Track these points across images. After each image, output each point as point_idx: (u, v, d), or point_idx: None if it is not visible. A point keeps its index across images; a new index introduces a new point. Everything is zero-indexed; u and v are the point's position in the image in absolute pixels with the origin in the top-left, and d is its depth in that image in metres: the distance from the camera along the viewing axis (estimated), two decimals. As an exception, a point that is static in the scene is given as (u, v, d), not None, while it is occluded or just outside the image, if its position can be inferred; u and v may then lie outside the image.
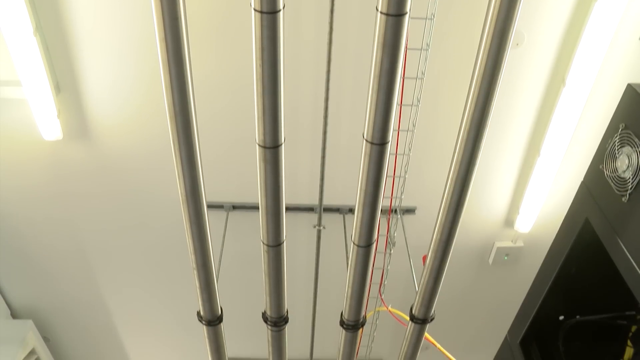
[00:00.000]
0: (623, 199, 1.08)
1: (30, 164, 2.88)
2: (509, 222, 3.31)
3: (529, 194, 3.08)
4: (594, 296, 1.51)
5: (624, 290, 1.45)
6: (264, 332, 2.47)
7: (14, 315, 3.82)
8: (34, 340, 3.68)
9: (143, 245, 3.38)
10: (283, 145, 1.54)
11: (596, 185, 1.20)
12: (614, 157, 1.13)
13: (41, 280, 3.62)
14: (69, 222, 3.22)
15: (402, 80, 1.81)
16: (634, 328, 1.56)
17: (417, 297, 2.14)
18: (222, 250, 2.82)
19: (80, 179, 2.96)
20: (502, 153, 2.83)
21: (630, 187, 1.09)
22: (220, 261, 2.65)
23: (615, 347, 1.57)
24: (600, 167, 1.17)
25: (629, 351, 1.56)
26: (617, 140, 1.18)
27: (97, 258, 3.47)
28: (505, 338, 1.63)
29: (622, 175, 1.05)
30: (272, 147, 1.50)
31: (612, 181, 1.11)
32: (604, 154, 1.26)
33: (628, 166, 1.08)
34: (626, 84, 1.61)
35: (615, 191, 1.10)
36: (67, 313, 3.88)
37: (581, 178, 1.52)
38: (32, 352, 3.66)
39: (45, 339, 3.92)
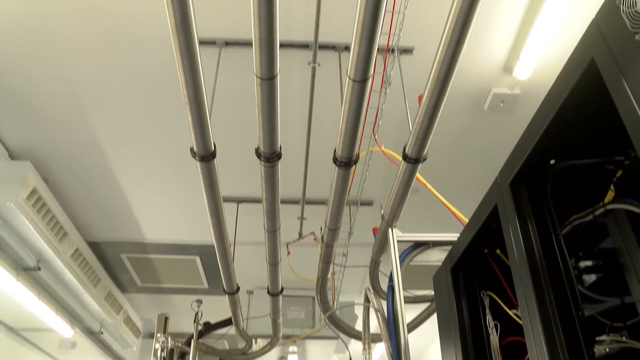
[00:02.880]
0: (636, 37, 1.02)
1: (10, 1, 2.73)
2: (507, 68, 3.24)
3: (532, 38, 2.97)
4: (586, 142, 1.50)
5: (618, 136, 1.44)
6: (258, 170, 2.51)
7: (12, 156, 3.86)
8: (34, 180, 3.75)
9: (135, 86, 3.33)
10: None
11: (608, 22, 1.13)
12: (633, -10, 1.06)
13: (36, 122, 3.61)
14: (55, 62, 3.13)
15: None
16: (619, 173, 1.58)
17: (411, 137, 2.14)
18: (214, 86, 2.77)
19: (64, 19, 2.83)
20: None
21: (645, 23, 1.03)
22: (213, 97, 2.61)
23: (599, 191, 1.60)
24: (617, 1, 1.09)
25: (610, 194, 1.58)
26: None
27: (89, 100, 3.42)
28: (496, 179, 1.65)
29: (640, 10, 0.99)
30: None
31: (627, 17, 1.04)
32: (623, -13, 1.18)
33: (648, 0, 1.02)
34: None
35: (629, 27, 1.04)
36: (64, 155, 3.91)
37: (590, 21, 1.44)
38: (33, 192, 3.75)
39: (45, 180, 4.00)
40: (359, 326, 3.81)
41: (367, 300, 2.82)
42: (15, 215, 3.65)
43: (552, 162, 1.52)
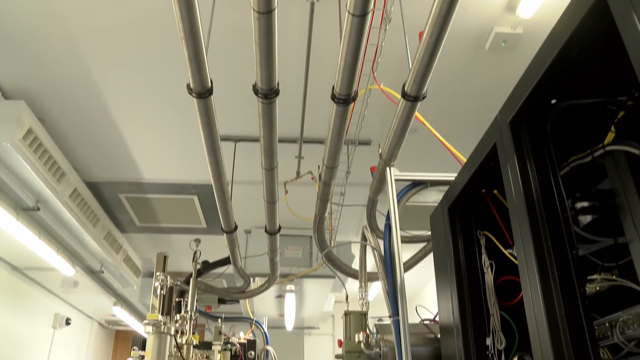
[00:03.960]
0: (650, -32, 0.99)
1: None
2: (510, 6, 3.16)
3: (539, -27, 2.88)
4: (589, 82, 1.47)
5: (623, 76, 1.41)
6: (256, 108, 2.48)
7: (6, 96, 3.80)
8: (29, 120, 3.71)
9: (131, 24, 3.24)
10: None
11: (620, -46, 1.09)
12: None
13: (29, 62, 3.53)
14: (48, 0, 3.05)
15: None
16: (621, 114, 1.56)
17: (410, 74, 2.11)
18: (211, 22, 2.69)
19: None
20: None
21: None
22: (209, 33, 2.55)
23: (599, 133, 1.58)
24: None
25: (610, 136, 1.57)
26: None
27: (84, 38, 3.34)
28: (496, 118, 1.63)
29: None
30: None
31: (639, -52, 1.00)
32: None
33: None
34: None
35: (643, -42, 1.00)
36: (60, 94, 3.85)
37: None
38: (29, 132, 3.71)
39: (41, 120, 3.96)
40: (355, 265, 3.87)
41: (364, 238, 2.85)
42: (12, 155, 3.64)
43: (553, 101, 1.50)
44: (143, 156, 4.66)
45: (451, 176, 2.19)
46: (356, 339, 2.66)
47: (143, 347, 3.43)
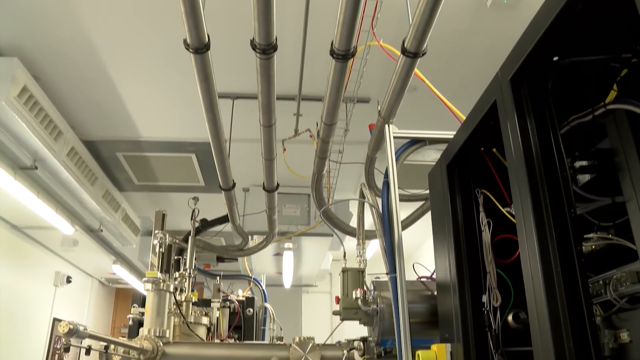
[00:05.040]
0: None
1: None
2: (514, -41, 3.09)
3: None
4: (593, 39, 1.45)
5: (628, 32, 1.38)
6: (254, 65, 2.45)
7: (-1, 53, 3.73)
8: (24, 78, 3.65)
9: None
10: None
11: None
12: None
13: (22, 18, 3.45)
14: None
15: None
16: (624, 72, 1.54)
17: (410, 30, 2.07)
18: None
19: None
20: None
21: None
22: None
23: (601, 91, 1.57)
24: None
25: (612, 94, 1.56)
26: None
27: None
28: (496, 75, 1.61)
29: None
30: None
31: None
32: None
33: None
34: None
35: None
36: (54, 52, 3.78)
37: None
38: (24, 90, 3.66)
39: (36, 78, 3.90)
40: (353, 223, 3.89)
41: (362, 196, 2.86)
42: (8, 114, 3.61)
43: (556, 59, 1.48)
44: (140, 114, 4.63)
45: (450, 134, 2.18)
46: (353, 296, 2.69)
47: (143, 304, 3.47)
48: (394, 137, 2.54)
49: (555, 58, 1.47)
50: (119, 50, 3.80)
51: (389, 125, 2.57)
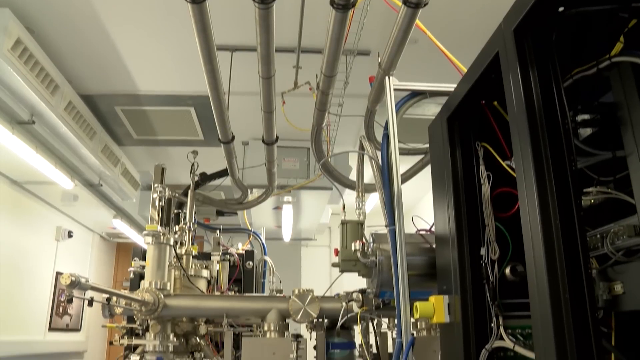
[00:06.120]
0: None
1: None
2: None
3: None
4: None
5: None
6: (252, 15, 2.40)
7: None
8: (17, 30, 3.56)
9: None
10: None
11: None
12: None
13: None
14: None
15: None
16: (633, 22, 1.51)
17: (412, -19, 2.03)
18: None
19: None
20: None
21: None
22: None
23: (606, 44, 1.54)
24: None
25: (618, 46, 1.53)
26: None
27: None
28: (499, 26, 1.57)
29: None
30: None
31: None
32: None
33: None
34: None
35: None
36: (47, 3, 3.68)
37: None
38: (18, 42, 3.58)
39: (30, 31, 3.81)
40: (353, 177, 3.89)
41: (361, 148, 2.85)
42: (2, 67, 3.55)
43: (561, 9, 1.45)
44: (138, 67, 4.57)
45: (451, 87, 2.16)
46: (352, 248, 2.71)
47: (144, 258, 3.51)
48: (395, 90, 2.51)
49: (561, 9, 1.44)
50: (115, 0, 3.71)
51: (389, 77, 2.54)
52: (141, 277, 3.49)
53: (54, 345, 6.78)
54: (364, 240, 2.75)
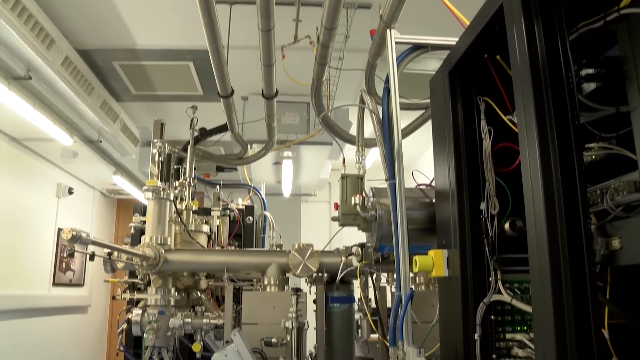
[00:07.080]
0: None
1: None
2: None
3: None
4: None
5: None
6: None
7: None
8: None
9: None
10: None
11: None
12: None
13: None
14: None
15: None
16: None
17: None
18: None
19: None
20: None
21: None
22: None
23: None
24: None
25: (626, -2, 1.50)
26: None
27: None
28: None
29: None
30: None
31: None
32: None
33: None
34: None
35: None
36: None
37: None
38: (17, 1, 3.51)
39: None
40: (353, 132, 3.87)
41: (362, 102, 2.82)
42: (-5, 21, 3.48)
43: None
44: (135, 21, 4.47)
45: (454, 40, 2.12)
46: (352, 202, 2.72)
47: (144, 214, 3.53)
48: (396, 43, 2.46)
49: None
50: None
51: (390, 30, 2.49)
52: (142, 232, 3.52)
53: (59, 299, 6.89)
54: (363, 194, 2.76)
